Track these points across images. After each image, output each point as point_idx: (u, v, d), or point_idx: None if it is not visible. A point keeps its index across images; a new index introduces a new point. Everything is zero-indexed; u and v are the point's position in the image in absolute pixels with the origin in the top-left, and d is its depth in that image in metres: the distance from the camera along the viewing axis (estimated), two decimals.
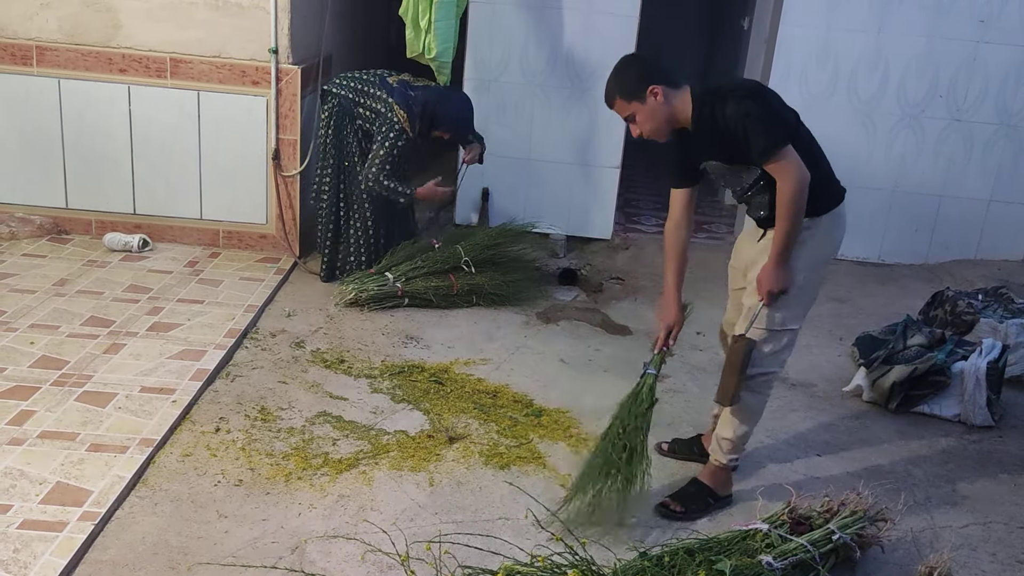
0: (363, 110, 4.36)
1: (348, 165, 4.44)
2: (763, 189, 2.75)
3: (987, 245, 5.46)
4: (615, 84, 2.78)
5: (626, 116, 2.80)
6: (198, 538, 2.60)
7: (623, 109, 2.78)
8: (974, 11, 5.09)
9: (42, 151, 4.68)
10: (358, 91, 4.36)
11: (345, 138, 4.41)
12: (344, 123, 4.38)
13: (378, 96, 4.31)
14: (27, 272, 4.27)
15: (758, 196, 2.79)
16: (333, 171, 4.43)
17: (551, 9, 5.12)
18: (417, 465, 3.05)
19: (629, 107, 2.76)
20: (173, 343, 3.69)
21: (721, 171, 2.81)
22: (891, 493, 3.05)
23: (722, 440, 2.96)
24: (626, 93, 2.75)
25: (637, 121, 2.77)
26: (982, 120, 5.26)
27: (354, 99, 4.36)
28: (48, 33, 4.53)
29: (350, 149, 4.42)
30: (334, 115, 4.37)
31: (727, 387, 2.81)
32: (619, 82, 2.77)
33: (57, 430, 3.00)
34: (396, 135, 4.24)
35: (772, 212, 2.70)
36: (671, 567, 2.29)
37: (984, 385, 3.62)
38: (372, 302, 4.28)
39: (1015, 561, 2.83)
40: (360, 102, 4.36)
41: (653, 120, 2.75)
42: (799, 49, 5.21)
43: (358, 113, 4.37)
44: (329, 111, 4.39)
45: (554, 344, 4.15)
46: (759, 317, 2.79)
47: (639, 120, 2.77)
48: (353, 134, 4.40)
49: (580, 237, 5.45)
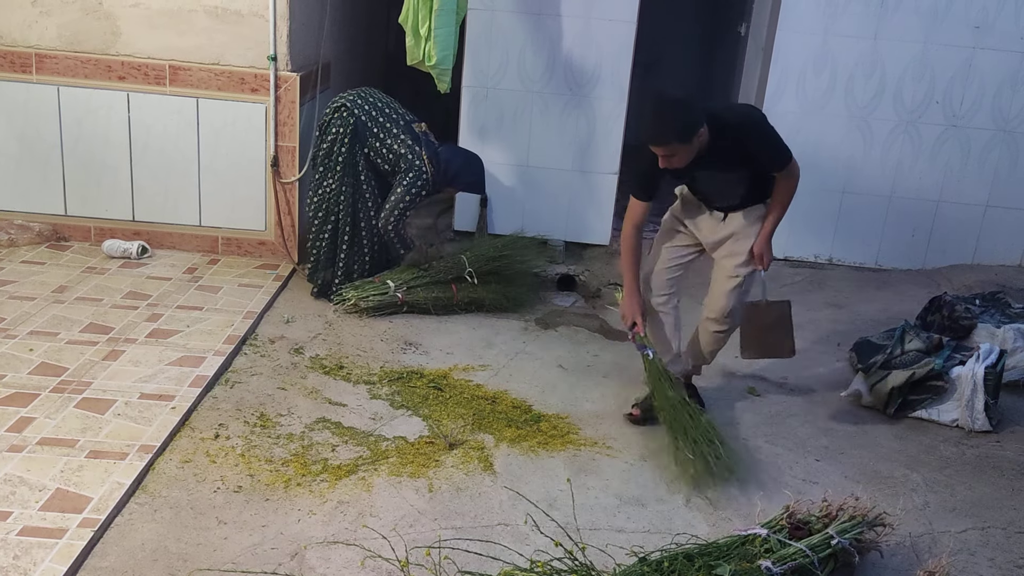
0: (377, 143, 4.32)
1: (356, 184, 4.38)
2: (743, 186, 3.26)
3: (984, 250, 5.47)
4: (674, 128, 2.96)
5: (668, 153, 3.01)
6: (197, 544, 2.60)
7: (673, 150, 3.00)
8: (969, 17, 5.11)
9: (41, 158, 4.69)
10: (379, 123, 4.33)
11: (356, 159, 4.35)
12: (355, 143, 4.33)
13: (402, 140, 4.30)
14: (26, 279, 4.27)
15: (735, 190, 3.28)
16: (339, 186, 4.35)
17: (549, 16, 5.14)
18: (416, 471, 3.06)
19: (679, 148, 2.99)
20: (172, 350, 3.70)
21: (714, 178, 3.25)
22: (890, 498, 3.06)
23: (708, 353, 3.56)
24: (684, 137, 2.97)
25: (677, 156, 3.02)
26: (978, 126, 5.28)
27: (371, 128, 4.33)
28: (47, 41, 4.54)
29: (358, 170, 4.37)
30: (349, 133, 4.30)
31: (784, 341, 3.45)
32: (676, 126, 2.96)
33: (56, 437, 3.00)
34: (423, 184, 4.28)
35: (740, 202, 3.29)
36: (670, 572, 2.29)
37: (982, 390, 3.63)
38: (372, 310, 4.28)
39: (1014, 566, 2.83)
40: (376, 134, 4.32)
41: (690, 155, 3.04)
42: (796, 55, 5.23)
43: (369, 143, 4.34)
44: (344, 127, 4.30)
45: (553, 350, 4.16)
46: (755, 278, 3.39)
47: (680, 156, 3.02)
48: (363, 157, 4.37)
49: (578, 243, 5.45)
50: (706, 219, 3.39)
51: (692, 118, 2.97)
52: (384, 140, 4.32)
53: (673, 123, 2.96)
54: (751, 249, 3.32)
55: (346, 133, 4.30)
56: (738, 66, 6.31)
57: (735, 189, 3.28)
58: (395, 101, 4.53)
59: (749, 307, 3.42)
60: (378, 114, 4.36)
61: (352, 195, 4.39)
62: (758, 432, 3.55)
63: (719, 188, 3.29)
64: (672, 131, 2.96)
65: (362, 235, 4.45)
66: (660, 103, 3.02)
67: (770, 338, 3.41)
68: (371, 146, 4.35)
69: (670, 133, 2.96)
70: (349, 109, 4.33)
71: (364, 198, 4.40)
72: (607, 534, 2.80)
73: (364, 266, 4.51)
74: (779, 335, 3.40)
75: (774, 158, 3.18)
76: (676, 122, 2.96)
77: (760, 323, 3.40)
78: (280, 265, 4.78)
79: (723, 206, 3.33)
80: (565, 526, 2.64)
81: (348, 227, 4.41)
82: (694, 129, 2.97)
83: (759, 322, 3.40)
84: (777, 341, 3.42)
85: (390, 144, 4.32)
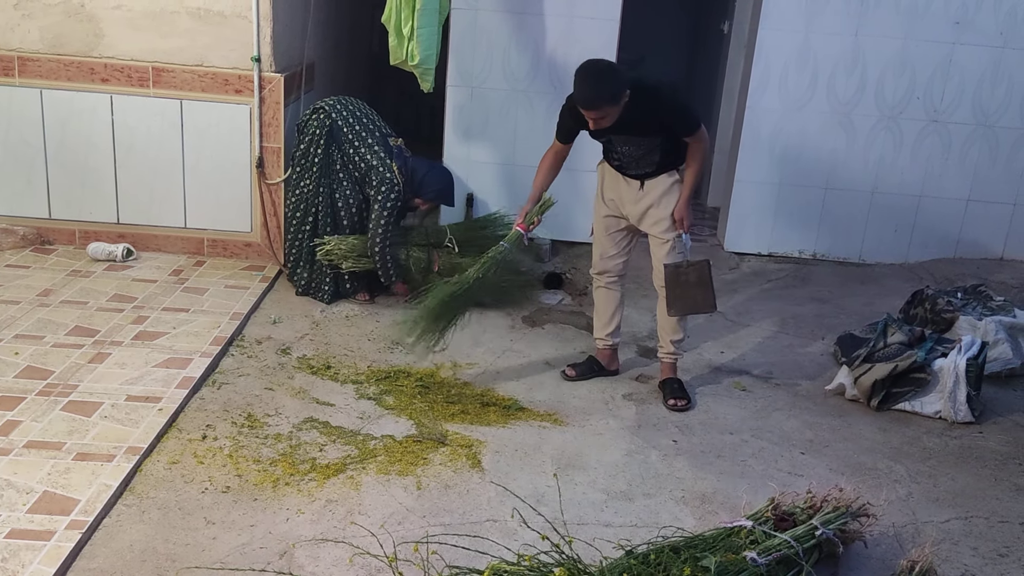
0: (351, 150, 4.37)
1: (333, 185, 4.42)
2: (657, 153, 3.50)
3: (966, 244, 5.53)
4: (603, 92, 3.25)
5: (599, 116, 3.28)
6: (186, 545, 2.60)
7: (604, 111, 3.27)
8: (949, 13, 5.16)
9: (25, 161, 4.67)
10: (355, 131, 4.37)
11: (333, 161, 4.40)
12: (331, 144, 4.39)
13: (375, 151, 4.34)
14: (11, 283, 4.25)
15: (650, 157, 3.52)
16: (315, 187, 4.40)
17: (533, 15, 5.15)
18: (404, 469, 3.07)
19: (609, 110, 3.26)
20: (159, 352, 3.70)
21: (630, 141, 3.49)
22: (873, 489, 3.09)
23: (675, 341, 3.76)
24: (613, 99, 3.25)
25: (605, 118, 3.30)
26: (959, 121, 5.33)
27: (347, 134, 4.37)
28: (30, 43, 4.52)
29: (335, 170, 4.42)
30: (325, 135, 4.36)
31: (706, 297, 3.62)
32: (605, 90, 3.25)
33: (43, 440, 2.99)
34: (396, 195, 4.31)
35: (655, 169, 3.54)
36: (657, 564, 2.31)
37: (964, 382, 3.67)
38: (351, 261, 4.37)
39: (996, 555, 2.87)
40: (351, 141, 4.36)
41: (616, 115, 3.30)
42: (778, 52, 5.26)
43: (343, 148, 4.38)
44: (320, 128, 4.36)
45: (540, 347, 4.17)
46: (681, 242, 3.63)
47: (608, 117, 3.29)
48: (340, 159, 4.41)
49: (564, 241, 5.47)
50: (627, 191, 3.63)
51: (619, 81, 3.26)
52: (358, 149, 4.36)
53: (603, 88, 3.25)
54: (672, 214, 3.58)
55: (322, 135, 4.36)
56: (721, 63, 6.34)
57: (650, 156, 3.51)
58: (376, 114, 4.57)
59: (671, 268, 3.63)
60: (355, 122, 4.41)
61: (330, 195, 4.43)
62: (744, 426, 3.58)
63: (634, 152, 3.51)
64: (603, 95, 3.24)
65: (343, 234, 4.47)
66: (590, 70, 3.29)
67: (693, 295, 3.62)
68: (345, 151, 4.39)
69: (602, 97, 3.24)
70: (327, 112, 4.39)
71: (345, 196, 4.42)
72: (594, 528, 2.82)
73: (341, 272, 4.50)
74: (701, 292, 3.61)
75: (684, 121, 3.44)
76: (606, 86, 3.25)
77: (683, 281, 3.62)
78: (266, 266, 4.78)
79: (638, 173, 3.57)
80: (552, 521, 2.66)
81: (328, 227, 4.45)
82: (622, 91, 3.25)
83: (682, 280, 3.62)
84: (700, 297, 3.63)
85: (363, 153, 4.35)
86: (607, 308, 3.88)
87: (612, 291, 3.85)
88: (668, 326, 3.76)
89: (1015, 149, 5.37)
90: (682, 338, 3.79)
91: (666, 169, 3.56)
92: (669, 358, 3.80)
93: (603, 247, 3.81)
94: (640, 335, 4.39)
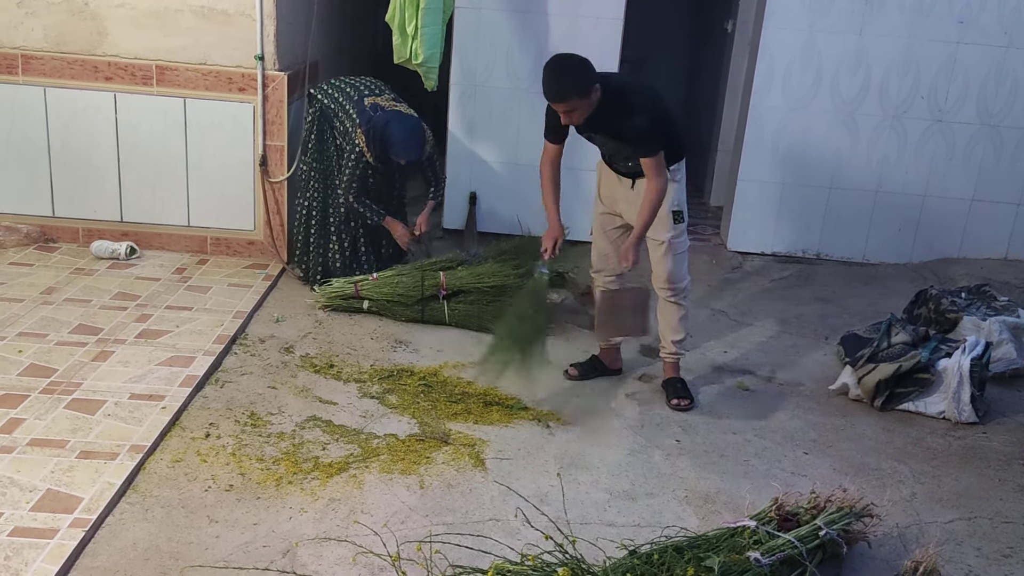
0: (337, 123, 4.42)
1: (328, 171, 4.47)
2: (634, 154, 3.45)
3: (970, 244, 5.52)
4: (570, 84, 3.21)
5: (568, 109, 3.24)
6: (189, 543, 2.60)
7: (572, 104, 3.23)
8: (954, 13, 5.15)
9: (28, 160, 4.67)
10: (338, 103, 4.41)
11: (327, 143, 4.46)
12: (325, 129, 4.45)
13: (350, 115, 4.35)
14: (14, 281, 4.26)
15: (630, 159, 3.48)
16: (313, 174, 4.48)
17: (536, 14, 5.15)
18: (407, 468, 3.07)
19: (578, 103, 3.22)
20: (162, 350, 3.70)
21: (608, 145, 3.49)
22: (877, 490, 3.08)
23: (677, 341, 3.73)
24: (581, 91, 3.21)
25: (576, 112, 3.25)
26: (963, 120, 5.32)
27: (334, 110, 4.42)
28: (33, 42, 4.52)
29: (329, 154, 4.47)
30: (316, 120, 4.44)
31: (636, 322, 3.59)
32: (573, 82, 3.21)
33: (47, 438, 3.00)
34: (357, 157, 4.30)
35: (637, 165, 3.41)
36: (660, 564, 2.31)
37: (968, 382, 3.66)
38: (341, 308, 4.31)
39: (1000, 556, 2.86)
40: (337, 114, 4.42)
41: (588, 110, 3.26)
42: (782, 51, 5.25)
43: (334, 125, 4.44)
44: (313, 115, 4.46)
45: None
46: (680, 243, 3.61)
47: (579, 112, 3.25)
48: (333, 141, 4.46)
49: (566, 240, 5.45)
50: (621, 190, 3.62)
51: (586, 75, 3.23)
52: (341, 119, 4.40)
53: (569, 80, 3.21)
54: (668, 212, 3.51)
55: (314, 120, 4.45)
56: (725, 62, 6.33)
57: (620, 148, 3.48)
58: (363, 78, 4.57)
59: (607, 294, 3.65)
60: (339, 95, 4.44)
61: (322, 180, 4.47)
62: (747, 426, 3.57)
63: (620, 149, 3.48)
64: (569, 88, 3.21)
65: (329, 221, 4.51)
66: (556, 64, 3.26)
67: (622, 320, 3.61)
68: (335, 128, 4.45)
69: (568, 90, 3.21)
70: (315, 96, 4.50)
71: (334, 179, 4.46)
72: (597, 528, 2.82)
73: (337, 253, 4.51)
74: (631, 317, 3.59)
75: (642, 141, 3.31)
76: (571, 79, 3.22)
77: (616, 306, 3.61)
78: (269, 265, 4.78)
79: (629, 172, 3.55)
80: (556, 520, 2.65)
81: (317, 212, 4.49)
82: (589, 85, 3.21)
83: (616, 305, 3.62)
84: (629, 322, 3.62)
85: (343, 120, 4.39)
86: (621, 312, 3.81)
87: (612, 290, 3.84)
88: (670, 326, 3.75)
89: (1019, 149, 5.36)
90: (684, 338, 3.78)
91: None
92: (672, 358, 3.80)
93: (601, 246, 3.80)
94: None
